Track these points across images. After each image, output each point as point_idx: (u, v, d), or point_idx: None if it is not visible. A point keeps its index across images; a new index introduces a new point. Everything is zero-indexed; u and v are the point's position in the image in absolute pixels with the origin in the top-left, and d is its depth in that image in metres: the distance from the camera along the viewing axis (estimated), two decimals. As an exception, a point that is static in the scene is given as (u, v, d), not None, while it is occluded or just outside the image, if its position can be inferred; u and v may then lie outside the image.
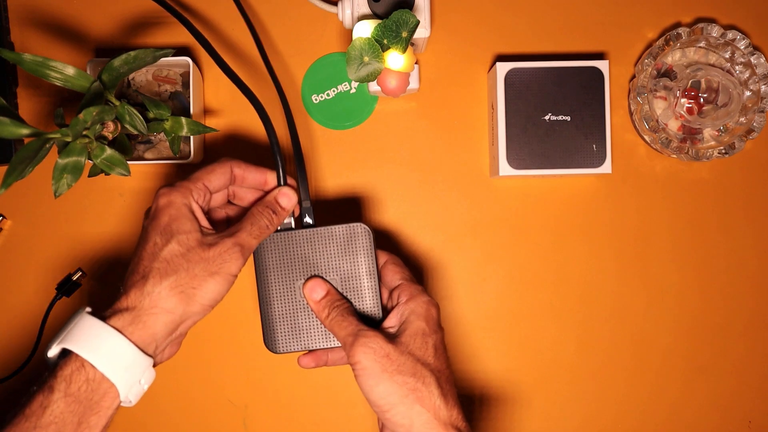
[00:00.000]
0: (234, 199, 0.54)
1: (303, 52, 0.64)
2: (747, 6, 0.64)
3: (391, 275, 0.52)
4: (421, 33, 0.57)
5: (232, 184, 0.52)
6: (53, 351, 0.43)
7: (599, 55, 0.64)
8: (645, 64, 0.60)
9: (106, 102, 0.51)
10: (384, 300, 0.53)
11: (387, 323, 0.50)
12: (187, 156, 0.60)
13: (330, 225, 0.52)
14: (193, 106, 0.60)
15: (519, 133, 0.59)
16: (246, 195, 0.53)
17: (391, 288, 0.52)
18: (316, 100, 0.64)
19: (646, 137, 0.62)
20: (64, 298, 0.63)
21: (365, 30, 0.55)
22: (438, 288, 0.64)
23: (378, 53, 0.53)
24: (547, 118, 0.60)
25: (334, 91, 0.64)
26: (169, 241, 0.46)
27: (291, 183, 0.53)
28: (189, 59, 0.59)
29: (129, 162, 0.54)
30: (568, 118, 0.60)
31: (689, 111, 0.60)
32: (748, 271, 0.64)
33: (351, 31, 0.58)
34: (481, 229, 0.64)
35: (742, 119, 0.60)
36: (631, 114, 0.63)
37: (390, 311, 0.51)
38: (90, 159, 0.50)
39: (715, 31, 0.60)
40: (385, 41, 0.53)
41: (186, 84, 0.62)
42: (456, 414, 0.46)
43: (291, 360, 0.63)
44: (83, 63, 0.63)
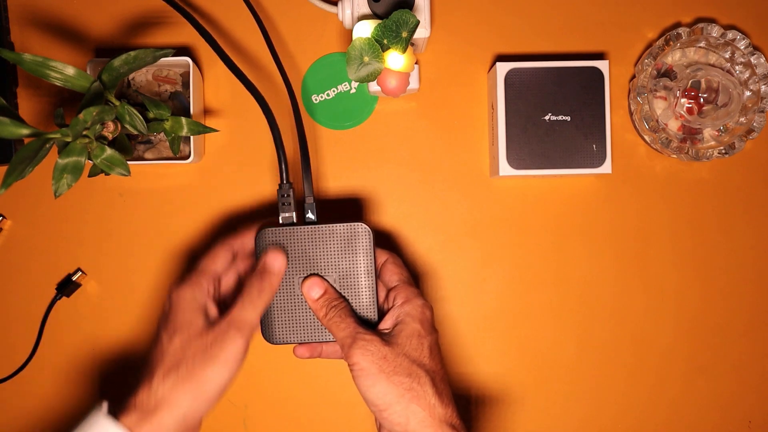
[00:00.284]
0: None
1: (303, 52, 0.64)
2: (747, 6, 0.64)
3: (390, 275, 0.53)
4: (421, 33, 0.57)
5: (236, 258, 0.53)
6: None
7: (599, 55, 0.64)
8: (645, 64, 0.60)
9: (106, 102, 0.51)
10: (381, 298, 0.53)
11: (382, 325, 0.51)
12: (187, 156, 0.60)
13: (332, 223, 0.53)
14: (193, 106, 0.60)
15: (519, 133, 0.59)
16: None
17: (389, 288, 0.53)
18: (316, 100, 0.64)
19: (646, 137, 0.62)
20: (64, 297, 0.63)
21: (365, 30, 0.55)
22: (438, 288, 0.64)
23: (378, 53, 0.53)
24: (547, 118, 0.60)
25: (334, 91, 0.64)
26: (173, 337, 0.47)
27: (275, 254, 0.52)
28: (189, 59, 0.59)
29: (129, 162, 0.54)
30: (568, 118, 0.60)
31: (689, 111, 0.60)
32: (748, 271, 0.64)
33: (351, 31, 0.58)
34: (481, 229, 0.64)
35: (742, 119, 0.60)
36: (631, 114, 0.63)
37: (386, 313, 0.51)
38: (90, 159, 0.50)
39: (715, 31, 0.60)
40: (385, 41, 0.53)
41: (186, 84, 0.62)
42: (451, 412, 0.47)
43: (291, 360, 0.63)
44: (83, 63, 0.63)
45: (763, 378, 0.64)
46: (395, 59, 0.55)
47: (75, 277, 0.62)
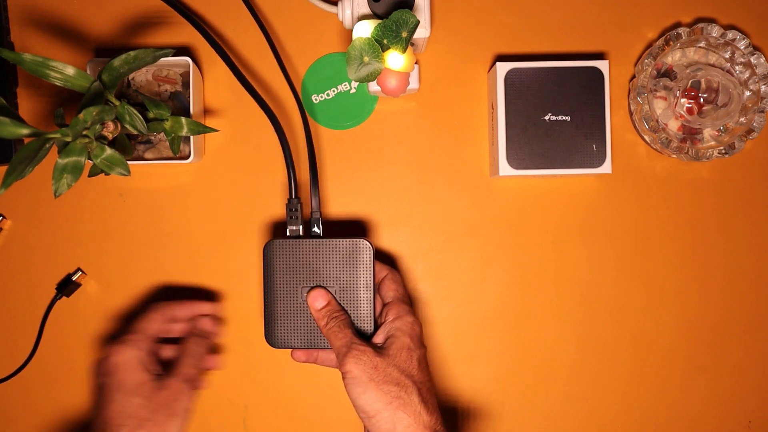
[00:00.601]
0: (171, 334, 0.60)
1: (303, 52, 0.64)
2: (747, 6, 0.64)
3: (386, 290, 0.56)
4: (421, 33, 0.57)
5: (169, 322, 0.59)
6: None
7: (599, 55, 0.64)
8: (645, 64, 0.60)
9: (106, 102, 0.51)
10: (377, 311, 0.56)
11: (375, 339, 0.54)
12: (187, 156, 0.60)
13: (336, 237, 0.55)
14: (193, 106, 0.59)
15: (519, 133, 0.59)
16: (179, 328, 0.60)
17: (384, 302, 0.56)
18: (316, 100, 0.64)
19: (646, 137, 0.62)
20: (63, 297, 0.63)
21: (365, 30, 0.55)
22: (438, 288, 0.64)
23: (378, 53, 0.53)
24: (547, 118, 0.60)
25: (334, 91, 0.64)
26: (131, 397, 0.52)
27: (210, 312, 0.61)
28: (189, 59, 0.59)
29: (129, 162, 0.54)
30: (568, 118, 0.60)
31: (689, 111, 0.60)
32: (748, 271, 0.64)
33: (351, 31, 0.58)
34: (481, 229, 0.64)
35: (742, 119, 0.60)
36: (631, 114, 0.63)
37: (378, 328, 0.55)
38: (90, 159, 0.50)
39: (715, 31, 0.60)
40: (385, 41, 0.53)
41: (186, 84, 0.62)
42: (435, 420, 0.50)
43: (291, 361, 0.63)
44: (83, 63, 0.63)
45: (763, 378, 0.64)
46: (395, 59, 0.55)
47: (75, 277, 0.62)
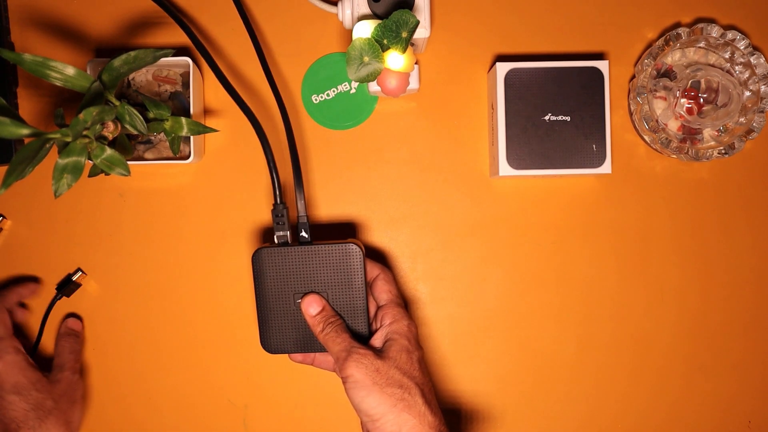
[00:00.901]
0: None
1: (303, 52, 0.64)
2: (747, 6, 0.64)
3: (380, 292, 0.56)
4: (421, 33, 0.57)
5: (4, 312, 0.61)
6: None
7: (599, 55, 0.64)
8: (645, 64, 0.60)
9: (106, 102, 0.51)
10: (372, 313, 0.56)
11: (373, 343, 0.54)
12: (187, 156, 0.60)
13: (324, 241, 0.55)
14: (193, 106, 0.60)
15: (519, 133, 0.59)
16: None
17: (379, 305, 0.56)
18: (316, 100, 0.64)
19: (646, 137, 0.62)
20: (64, 297, 0.63)
21: (365, 30, 0.55)
22: (438, 288, 0.64)
23: (378, 53, 0.53)
24: (547, 118, 0.60)
25: (334, 91, 0.64)
26: (30, 393, 0.56)
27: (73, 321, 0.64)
28: (189, 59, 0.59)
29: (129, 162, 0.54)
30: (568, 118, 0.60)
31: (689, 111, 0.60)
32: (748, 271, 0.64)
33: (351, 31, 0.58)
34: (481, 229, 0.64)
35: (741, 119, 0.60)
36: (631, 114, 0.63)
37: (375, 331, 0.54)
38: (90, 159, 0.50)
39: (715, 32, 0.60)
40: (385, 41, 0.53)
41: (186, 84, 0.62)
42: (439, 420, 0.50)
43: (290, 361, 0.63)
44: (83, 63, 0.63)
45: (763, 378, 0.64)
46: (395, 59, 0.55)
47: (75, 277, 0.62)
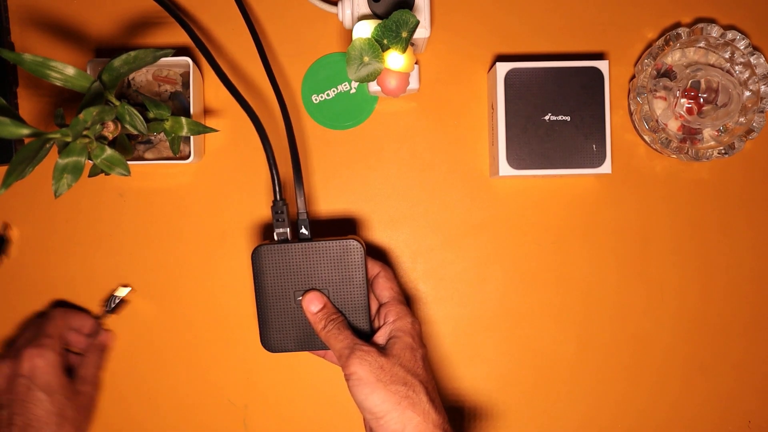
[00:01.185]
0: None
1: (303, 52, 0.64)
2: (747, 6, 0.64)
3: (381, 289, 0.55)
4: (421, 33, 0.57)
5: (68, 329, 0.61)
6: None
7: (599, 55, 0.64)
8: (645, 64, 0.60)
9: (106, 102, 0.51)
10: (373, 310, 0.56)
11: (376, 339, 0.54)
12: (187, 156, 0.60)
13: (325, 238, 0.54)
14: (193, 106, 0.60)
15: (519, 133, 0.59)
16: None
17: (381, 302, 0.55)
18: (316, 100, 0.64)
19: (646, 137, 0.62)
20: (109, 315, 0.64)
21: (365, 30, 0.55)
22: (438, 288, 0.64)
23: (378, 53, 0.53)
24: (547, 118, 0.60)
25: (334, 91, 0.64)
26: (56, 396, 0.56)
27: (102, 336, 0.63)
28: (189, 59, 0.59)
29: (129, 162, 0.54)
30: (568, 118, 0.60)
31: (689, 111, 0.60)
32: (748, 271, 0.64)
33: (351, 31, 0.58)
34: (481, 229, 0.64)
35: (741, 119, 0.60)
36: (631, 114, 0.63)
37: (378, 329, 0.54)
38: (90, 159, 0.50)
39: (715, 32, 0.60)
40: (385, 41, 0.53)
41: (186, 84, 0.62)
42: (443, 418, 0.50)
43: (290, 360, 0.63)
44: (83, 63, 0.63)
45: (763, 378, 0.64)
46: (395, 59, 0.55)
47: (123, 294, 0.63)
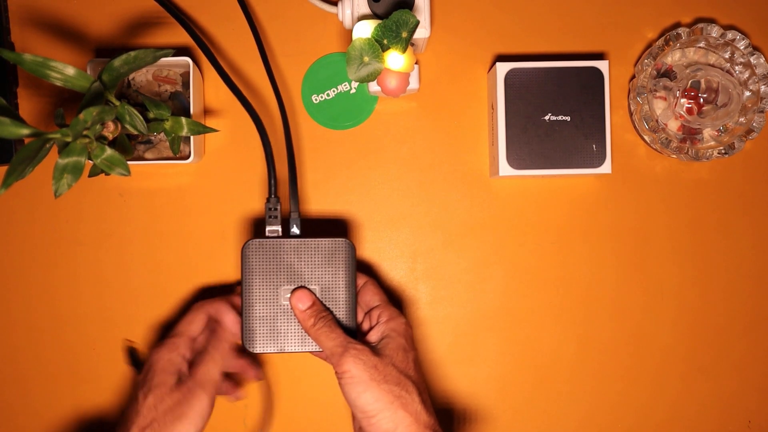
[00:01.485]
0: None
1: (303, 52, 0.64)
2: (747, 6, 0.64)
3: (371, 296, 0.56)
4: (421, 33, 0.57)
5: (211, 323, 0.57)
6: None
7: (599, 55, 0.64)
8: (645, 64, 0.61)
9: (106, 102, 0.51)
10: (360, 318, 0.56)
11: (369, 339, 0.54)
12: (187, 156, 0.60)
13: (316, 237, 0.54)
14: (193, 106, 0.60)
15: (519, 133, 0.60)
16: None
17: (370, 307, 0.56)
18: (316, 100, 0.64)
19: (645, 137, 0.62)
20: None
21: (365, 30, 0.55)
22: (438, 288, 0.64)
23: (378, 53, 0.53)
24: (547, 118, 0.60)
25: (334, 91, 0.64)
26: (147, 396, 0.51)
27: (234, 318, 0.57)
28: (189, 59, 0.59)
29: (129, 162, 0.54)
30: (568, 118, 0.60)
31: (689, 111, 0.60)
32: (747, 271, 0.64)
33: (351, 31, 0.58)
34: (481, 229, 0.64)
35: (741, 119, 0.60)
36: (631, 114, 0.63)
37: (371, 328, 0.54)
38: (90, 159, 0.50)
39: (715, 32, 0.60)
40: (385, 41, 0.53)
41: (186, 84, 0.62)
42: (434, 420, 0.50)
43: (290, 361, 0.63)
44: (83, 63, 0.63)
45: (763, 378, 0.64)
46: (395, 59, 0.55)
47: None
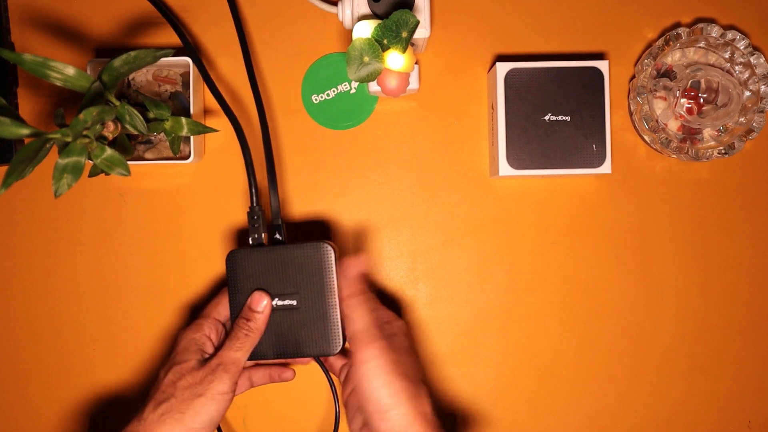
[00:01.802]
0: None
1: (303, 52, 0.64)
2: (747, 6, 0.64)
3: (373, 302, 0.55)
4: (421, 33, 0.57)
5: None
6: None
7: (599, 55, 0.64)
8: (645, 64, 0.61)
9: (106, 102, 0.51)
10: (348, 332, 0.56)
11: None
12: (187, 156, 0.60)
13: (299, 242, 0.54)
14: (193, 106, 0.60)
15: (519, 133, 0.60)
16: None
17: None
18: (316, 100, 0.64)
19: (646, 137, 0.62)
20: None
21: (365, 30, 0.55)
22: (438, 288, 0.64)
23: (378, 53, 0.53)
24: (547, 118, 0.60)
25: (334, 91, 0.64)
26: (168, 373, 0.52)
27: (259, 296, 0.54)
28: (189, 59, 0.59)
29: (129, 162, 0.54)
30: (568, 118, 0.60)
31: (689, 111, 0.60)
32: (748, 271, 0.64)
33: (351, 31, 0.58)
34: (481, 229, 0.64)
35: (741, 119, 0.60)
36: (631, 114, 0.63)
37: (344, 334, 0.54)
38: (90, 159, 0.50)
39: (715, 32, 0.60)
40: (385, 41, 0.53)
41: (186, 84, 0.62)
42: (437, 420, 0.50)
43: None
44: (83, 63, 0.63)
45: (763, 378, 0.64)
46: (395, 59, 0.55)
47: None
